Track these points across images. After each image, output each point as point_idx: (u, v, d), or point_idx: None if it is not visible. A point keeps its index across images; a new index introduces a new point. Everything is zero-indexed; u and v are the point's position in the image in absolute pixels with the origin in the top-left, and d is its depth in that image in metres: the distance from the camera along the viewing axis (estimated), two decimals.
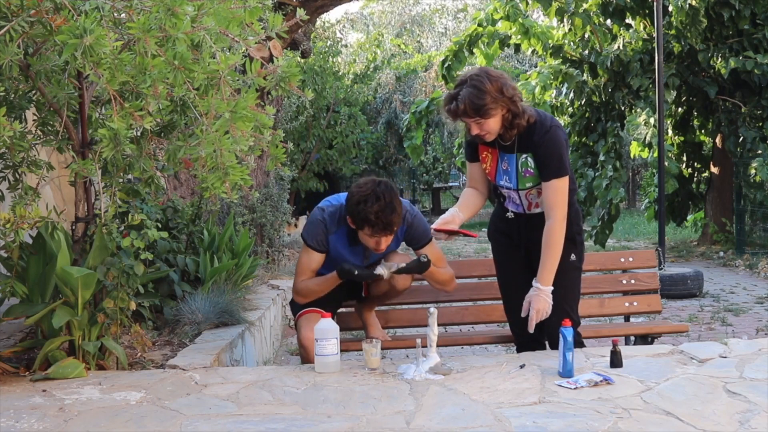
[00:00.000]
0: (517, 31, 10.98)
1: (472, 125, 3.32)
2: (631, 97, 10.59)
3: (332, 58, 14.98)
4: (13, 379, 3.33)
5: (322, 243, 3.57)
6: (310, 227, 3.59)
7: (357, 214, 3.39)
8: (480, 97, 3.24)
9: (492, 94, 3.25)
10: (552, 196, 3.36)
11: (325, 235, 3.57)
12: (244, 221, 7.65)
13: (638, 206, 18.78)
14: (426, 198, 20.76)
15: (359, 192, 3.41)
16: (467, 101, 3.25)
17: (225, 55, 2.97)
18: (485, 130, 3.32)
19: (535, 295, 3.37)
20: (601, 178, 10.28)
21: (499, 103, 3.26)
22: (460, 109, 3.27)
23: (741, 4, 9.70)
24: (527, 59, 20.20)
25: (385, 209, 3.36)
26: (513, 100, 3.29)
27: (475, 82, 3.27)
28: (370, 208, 3.35)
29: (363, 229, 3.43)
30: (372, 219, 3.36)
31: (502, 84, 3.28)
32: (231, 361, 4.23)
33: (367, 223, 3.39)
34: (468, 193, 3.63)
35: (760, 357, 3.28)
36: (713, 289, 8.08)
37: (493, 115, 3.28)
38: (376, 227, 3.39)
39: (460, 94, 3.28)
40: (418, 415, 2.70)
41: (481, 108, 3.25)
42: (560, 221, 3.36)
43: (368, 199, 3.36)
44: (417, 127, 12.97)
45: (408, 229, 3.63)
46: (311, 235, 3.58)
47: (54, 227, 3.53)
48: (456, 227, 3.45)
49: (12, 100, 3.45)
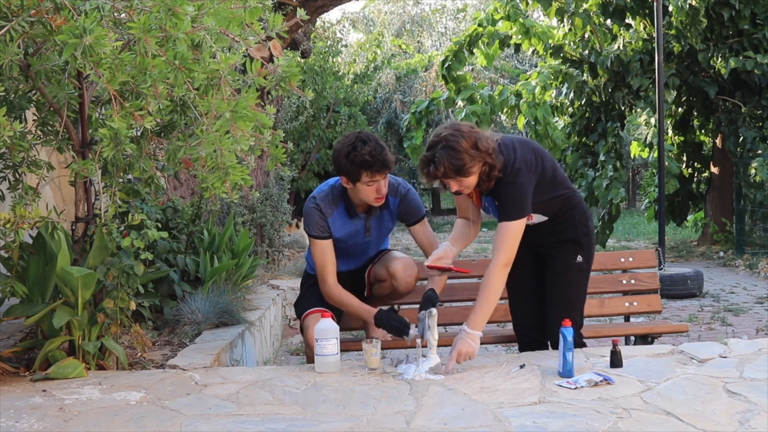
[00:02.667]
0: (518, 31, 10.98)
1: (450, 183, 3.26)
2: (631, 97, 10.59)
3: (332, 58, 14.98)
4: (13, 379, 3.33)
5: (324, 228, 3.61)
6: (307, 219, 3.64)
7: (351, 164, 3.40)
8: (458, 158, 3.17)
9: (469, 152, 3.17)
10: (500, 238, 3.29)
11: (324, 220, 3.60)
12: (244, 221, 7.65)
13: (638, 206, 18.78)
14: (426, 198, 20.76)
15: (344, 144, 3.44)
16: (446, 163, 3.18)
17: (225, 55, 2.97)
18: (464, 186, 3.28)
19: (460, 338, 3.26)
20: (601, 178, 10.28)
21: (477, 160, 3.19)
22: (440, 172, 3.20)
23: (741, 4, 9.70)
24: (527, 59, 20.20)
25: (377, 147, 3.40)
26: (489, 153, 3.21)
27: (451, 142, 3.19)
28: (363, 151, 3.37)
29: (361, 178, 3.42)
30: (368, 159, 3.37)
31: (476, 139, 3.20)
32: (231, 361, 4.23)
33: (364, 167, 3.39)
34: (459, 225, 3.59)
35: (760, 357, 3.28)
36: (713, 289, 8.08)
37: (472, 173, 3.22)
38: (374, 167, 3.39)
39: (436, 156, 3.20)
40: (418, 415, 2.70)
41: (462, 168, 3.18)
42: (502, 266, 3.26)
43: (356, 144, 3.40)
44: (417, 127, 12.97)
45: (401, 202, 3.67)
46: (311, 225, 3.62)
47: (54, 227, 3.53)
48: (449, 262, 3.42)
49: (12, 100, 3.45)
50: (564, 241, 3.50)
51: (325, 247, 3.64)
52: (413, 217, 3.72)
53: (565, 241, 3.51)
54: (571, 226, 3.51)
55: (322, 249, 3.64)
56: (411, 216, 3.72)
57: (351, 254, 3.78)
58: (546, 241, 3.52)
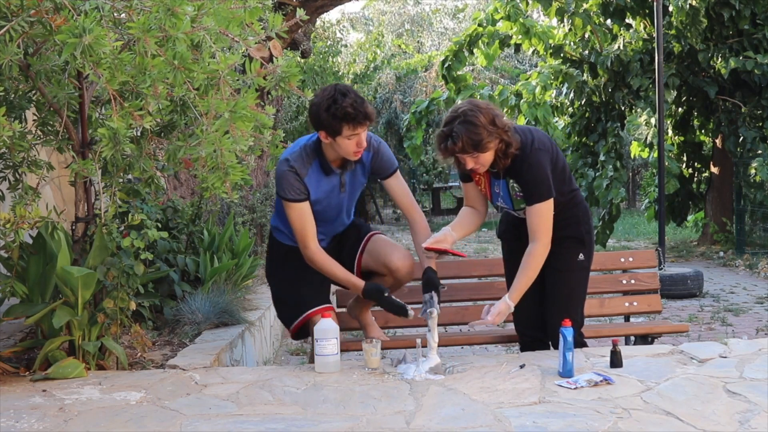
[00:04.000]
0: (518, 32, 10.97)
1: (467, 160, 3.29)
2: (631, 97, 10.58)
3: (332, 58, 14.97)
4: (13, 379, 3.33)
5: (300, 191, 3.45)
6: (282, 182, 3.43)
7: (333, 116, 3.28)
8: (476, 132, 3.20)
9: (487, 127, 3.22)
10: (536, 220, 3.35)
11: (300, 181, 3.44)
12: (244, 221, 7.65)
13: (638, 206, 18.77)
14: (426, 198, 20.74)
15: (323, 98, 3.31)
16: (464, 138, 3.21)
17: (225, 55, 2.97)
18: (480, 163, 3.30)
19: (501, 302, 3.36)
20: (601, 179, 10.27)
21: (494, 136, 3.24)
22: (458, 147, 3.23)
23: (741, 4, 9.69)
24: (527, 59, 20.19)
25: (357, 99, 3.30)
26: (505, 130, 3.26)
27: (469, 117, 3.23)
28: (344, 103, 3.26)
29: (342, 132, 3.31)
30: (351, 111, 3.26)
31: (494, 115, 3.26)
32: (231, 361, 4.23)
33: (346, 119, 3.28)
34: (464, 213, 3.60)
35: (760, 357, 3.28)
36: (713, 289, 8.07)
37: (489, 149, 3.25)
38: (356, 119, 3.29)
39: (454, 130, 3.24)
40: (418, 415, 2.70)
41: (479, 143, 3.22)
42: (544, 246, 3.35)
43: (336, 97, 3.29)
44: (417, 127, 12.96)
45: (374, 156, 3.57)
46: (288, 189, 3.43)
47: (54, 227, 3.53)
48: (447, 246, 3.42)
49: (12, 100, 3.45)
50: (566, 238, 3.51)
51: (303, 210, 3.46)
52: (387, 170, 3.60)
53: (568, 238, 3.51)
54: (574, 223, 3.52)
55: (300, 212, 3.46)
56: (385, 170, 3.60)
57: (326, 218, 3.63)
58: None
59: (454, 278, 4.31)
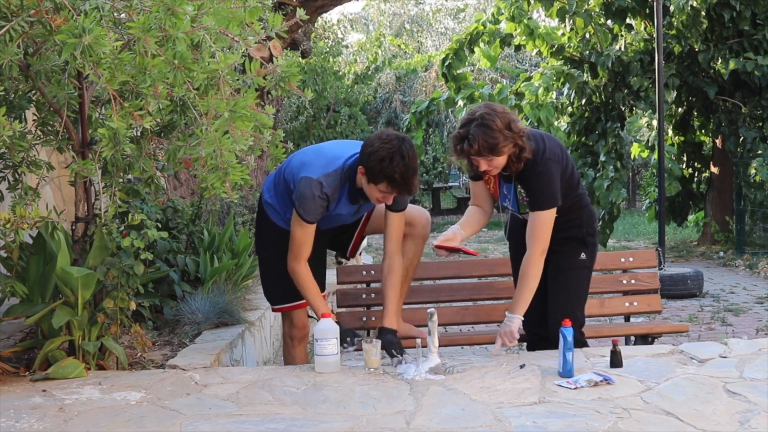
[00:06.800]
0: (522, 32, 10.97)
1: (481, 162, 3.31)
2: (632, 97, 10.59)
3: (333, 59, 14.99)
4: (13, 379, 3.33)
5: (319, 215, 3.42)
6: (308, 205, 3.35)
7: (379, 171, 3.22)
8: (492, 136, 3.22)
9: (503, 132, 3.24)
10: (537, 227, 3.37)
11: (325, 209, 3.41)
12: (244, 221, 7.64)
13: (638, 206, 18.77)
14: (426, 198, 20.75)
15: (384, 147, 3.22)
16: (480, 141, 3.23)
17: (225, 54, 2.96)
18: (493, 166, 3.32)
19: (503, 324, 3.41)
20: (602, 179, 10.27)
21: (509, 140, 3.26)
22: (474, 149, 3.25)
23: (741, 5, 9.69)
24: (527, 59, 20.19)
25: (409, 170, 3.23)
26: (520, 135, 3.28)
27: (486, 120, 3.24)
28: (396, 167, 3.20)
29: (378, 184, 3.27)
30: (396, 179, 3.22)
31: (510, 120, 3.28)
32: (231, 361, 4.23)
33: (388, 181, 3.24)
34: (471, 211, 3.63)
35: (760, 357, 3.28)
36: (713, 289, 8.07)
37: (504, 153, 3.28)
38: (398, 186, 3.26)
39: (471, 133, 3.25)
40: (418, 415, 2.70)
41: (495, 147, 3.24)
42: (539, 254, 3.37)
43: (394, 157, 3.20)
44: (417, 127, 12.95)
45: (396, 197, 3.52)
46: (311, 212, 3.37)
47: (54, 227, 3.53)
48: (457, 244, 3.44)
49: (12, 100, 3.45)
50: (569, 239, 3.52)
51: (310, 231, 3.43)
52: (398, 205, 3.50)
53: (570, 239, 3.53)
54: (578, 225, 3.54)
55: (307, 233, 3.42)
56: (396, 204, 3.49)
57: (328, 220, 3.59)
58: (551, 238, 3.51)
59: (454, 278, 4.32)
